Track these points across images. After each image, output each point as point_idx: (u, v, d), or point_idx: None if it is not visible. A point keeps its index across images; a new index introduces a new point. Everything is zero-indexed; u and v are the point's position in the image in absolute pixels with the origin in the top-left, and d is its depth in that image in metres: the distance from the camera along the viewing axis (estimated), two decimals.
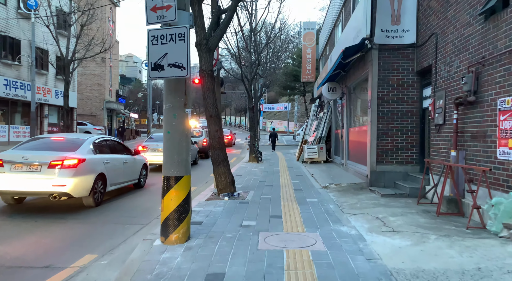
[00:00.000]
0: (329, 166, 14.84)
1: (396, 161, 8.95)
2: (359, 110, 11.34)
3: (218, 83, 9.75)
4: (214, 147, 8.18)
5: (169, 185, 4.89)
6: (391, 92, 8.97)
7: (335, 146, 15.96)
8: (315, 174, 12.10)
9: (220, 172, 8.20)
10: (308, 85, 38.08)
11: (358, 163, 10.86)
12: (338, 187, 9.35)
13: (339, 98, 14.04)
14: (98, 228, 6.28)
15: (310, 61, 23.84)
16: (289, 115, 54.36)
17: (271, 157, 21.02)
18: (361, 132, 10.59)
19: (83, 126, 30.08)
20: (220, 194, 8.16)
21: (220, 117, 8.22)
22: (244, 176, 12.30)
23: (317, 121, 18.34)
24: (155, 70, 4.66)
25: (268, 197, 8.20)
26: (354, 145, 11.62)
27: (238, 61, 16.60)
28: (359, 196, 8.23)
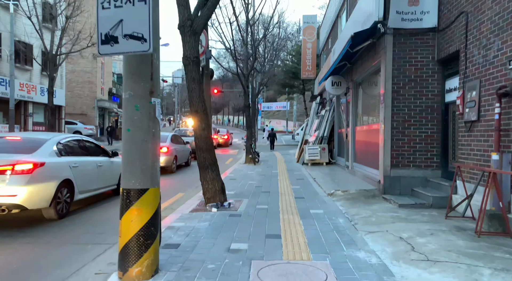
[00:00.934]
0: (333, 168, 13.58)
1: (414, 165, 7.69)
2: (367, 106, 10.09)
3: (208, 74, 8.50)
4: (201, 148, 6.92)
5: (129, 201, 3.63)
6: (408, 84, 7.71)
7: (339, 146, 14.70)
8: (318, 178, 10.83)
9: (208, 179, 6.94)
10: (307, 83, 36.83)
11: (367, 166, 9.60)
12: (345, 195, 8.09)
13: (343, 94, 12.78)
14: (52, 250, 5.01)
15: (311, 56, 22.58)
16: (288, 115, 53.12)
17: (269, 158, 19.76)
18: (371, 131, 9.33)
19: (72, 125, 28.76)
20: (207, 204, 6.89)
21: (207, 113, 6.97)
22: (238, 180, 11.03)
23: (318, 119, 17.09)
24: (107, 44, 3.39)
25: (264, 207, 6.93)
26: (362, 146, 10.37)
27: (233, 55, 15.33)
28: (372, 206, 6.97)
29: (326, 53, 19.56)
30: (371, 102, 9.83)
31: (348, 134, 12.06)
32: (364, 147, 10.09)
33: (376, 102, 9.34)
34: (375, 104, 9.44)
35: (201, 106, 6.81)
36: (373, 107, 9.61)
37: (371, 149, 9.28)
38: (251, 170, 13.73)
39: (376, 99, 9.35)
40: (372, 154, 9.15)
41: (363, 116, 10.47)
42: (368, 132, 9.60)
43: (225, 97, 78.83)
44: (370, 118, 9.62)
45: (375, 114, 9.17)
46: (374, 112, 9.33)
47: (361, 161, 10.41)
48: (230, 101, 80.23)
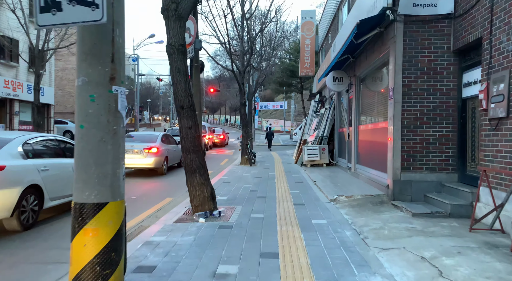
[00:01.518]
0: (333, 170, 12.76)
1: (427, 168, 6.88)
2: (372, 104, 9.28)
3: (198, 67, 7.67)
4: (187, 149, 6.08)
5: (81, 219, 2.79)
6: (420, 77, 6.90)
7: (339, 147, 13.90)
8: (318, 181, 10.02)
9: (195, 184, 6.10)
10: (305, 81, 36.05)
11: (373, 169, 8.79)
12: (350, 201, 7.27)
13: (345, 91, 11.97)
14: (3, 271, 4.17)
15: (309, 53, 21.77)
16: (285, 114, 52.30)
17: (266, 158, 18.94)
18: (377, 130, 8.53)
19: (63, 124, 27.79)
20: (195, 213, 6.05)
21: (195, 110, 6.13)
22: (232, 183, 10.19)
23: (318, 118, 16.28)
24: (47, 12, 2.55)
25: (259, 216, 6.10)
26: (366, 146, 9.56)
27: (228, 50, 14.49)
28: (382, 215, 6.15)
29: (325, 49, 18.76)
30: (376, 99, 9.03)
31: (351, 133, 11.25)
32: (369, 147, 9.28)
33: (381, 99, 8.54)
34: (380, 101, 8.64)
35: (188, 101, 5.97)
36: (378, 104, 8.80)
37: (377, 150, 8.47)
38: (246, 172, 12.90)
39: (382, 95, 8.55)
40: (378, 156, 8.34)
41: (367, 114, 9.66)
42: (374, 132, 8.79)
43: (222, 96, 78.00)
44: (376, 116, 8.81)
45: (382, 111, 8.36)
46: (380, 110, 8.53)
47: (365, 163, 9.60)
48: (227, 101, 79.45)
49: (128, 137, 13.98)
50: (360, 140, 10.22)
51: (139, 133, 15.36)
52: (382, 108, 8.32)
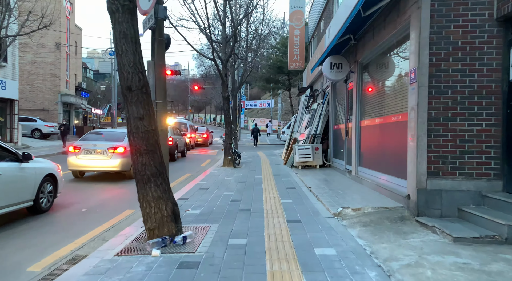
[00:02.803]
0: (329, 173, 11.10)
1: (462, 173, 5.25)
2: (381, 93, 7.62)
3: (161, 42, 5.87)
4: (137, 149, 4.27)
5: None
6: (453, 54, 5.26)
7: (335, 146, 12.25)
8: (314, 186, 8.33)
9: (150, 198, 4.31)
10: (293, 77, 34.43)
11: (382, 173, 7.13)
12: (359, 216, 5.59)
13: (343, 81, 10.31)
14: None
15: (299, 45, 20.12)
16: (272, 113, 50.66)
17: (252, 159, 17.19)
18: (389, 125, 6.87)
19: (30, 122, 25.57)
20: (148, 240, 4.26)
21: (148, 93, 4.33)
22: (211, 189, 8.42)
23: (310, 114, 14.61)
24: None
25: (241, 244, 4.35)
26: (372, 145, 7.90)
27: (207, 36, 12.69)
28: (410, 239, 4.47)
29: (316, 40, 17.12)
30: (387, 87, 7.38)
31: (350, 130, 9.60)
32: (376, 147, 7.62)
33: (395, 87, 6.90)
34: (394, 89, 7.01)
35: (138, 79, 4.18)
36: (390, 93, 7.16)
37: (389, 149, 6.81)
38: (229, 175, 11.13)
39: (395, 82, 6.91)
40: (391, 157, 6.68)
41: (373, 106, 8.00)
42: (384, 127, 7.12)
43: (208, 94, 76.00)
44: (387, 108, 7.14)
45: (396, 102, 6.71)
46: (394, 100, 6.88)
47: (371, 166, 7.94)
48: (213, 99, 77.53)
49: (97, 134, 12.07)
50: (364, 138, 8.56)
51: (109, 130, 13.42)
52: (396, 97, 6.66)
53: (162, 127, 5.95)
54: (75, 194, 8.66)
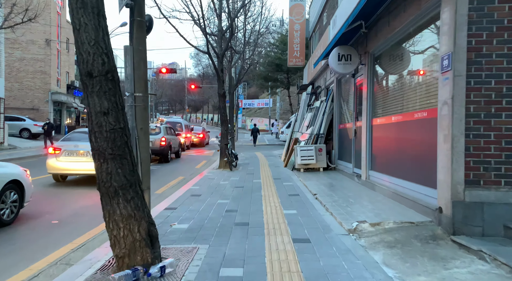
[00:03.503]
0: (335, 177, 10.12)
1: (508, 182, 4.28)
2: (399, 87, 6.63)
3: (141, 24, 4.87)
4: (101, 153, 3.26)
5: None
6: (497, 36, 4.29)
7: (340, 147, 11.27)
8: (320, 193, 7.35)
9: (117, 217, 3.31)
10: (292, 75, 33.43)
11: (402, 179, 6.15)
12: (380, 232, 4.61)
13: (350, 75, 9.34)
14: None
15: (299, 40, 19.14)
16: (270, 112, 49.66)
17: (250, 160, 16.20)
18: (412, 123, 5.89)
19: (19, 121, 24.50)
20: (114, 274, 3.26)
21: (116, 80, 3.32)
22: (204, 197, 7.43)
23: (312, 113, 13.63)
24: None
25: (236, 276, 3.36)
26: (389, 146, 6.92)
27: (201, 27, 11.69)
28: (453, 269, 3.48)
29: (318, 34, 16.15)
30: (403, 81, 6.41)
31: (359, 130, 8.63)
32: (393, 148, 6.64)
33: (417, 79, 5.93)
34: (410, 84, 6.04)
35: (100, 62, 3.18)
36: (408, 88, 6.19)
37: (411, 152, 5.83)
38: (225, 179, 10.14)
39: (412, 77, 5.94)
40: (414, 161, 5.71)
41: (389, 102, 7.02)
42: (404, 126, 6.14)
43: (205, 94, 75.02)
44: (407, 103, 6.16)
45: (419, 96, 5.74)
46: (412, 95, 5.91)
47: (386, 170, 6.96)
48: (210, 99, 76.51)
49: (83, 134, 11.04)
50: (376, 139, 7.58)
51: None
52: (420, 91, 5.69)
53: (143, 125, 4.96)
54: (50, 201, 7.66)
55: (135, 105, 4.89)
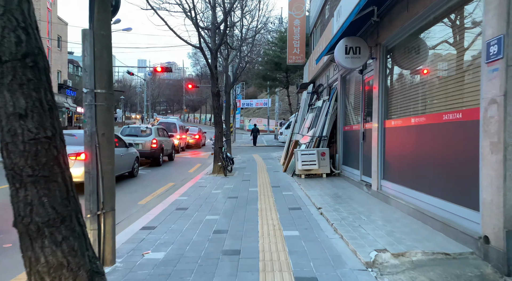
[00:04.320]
0: (339, 184, 9.09)
1: None
2: (419, 84, 5.60)
3: (105, 2, 3.85)
4: (17, 176, 2.23)
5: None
6: None
7: (345, 151, 10.25)
8: (325, 207, 6.32)
9: (42, 266, 2.27)
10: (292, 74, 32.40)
11: (426, 194, 5.12)
12: (407, 267, 3.59)
13: (358, 71, 8.31)
14: None
15: (299, 37, 18.11)
16: (269, 112, 48.64)
17: (248, 163, 15.16)
18: (436, 127, 4.86)
19: None
20: None
21: (43, 70, 2.29)
22: (190, 211, 6.39)
23: (313, 113, 12.60)
24: None
25: None
26: (406, 152, 5.88)
27: (193, 20, 10.65)
28: None
29: (320, 28, 15.11)
30: (427, 76, 5.38)
31: (369, 132, 7.61)
32: (413, 155, 5.60)
33: (441, 75, 4.90)
34: (437, 80, 5.02)
35: (14, 40, 2.14)
36: (433, 84, 5.16)
37: (439, 161, 4.80)
38: (217, 187, 9.11)
39: (439, 70, 4.92)
40: (444, 172, 4.67)
41: (405, 102, 5.99)
42: (427, 129, 5.11)
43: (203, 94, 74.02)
44: (430, 103, 5.13)
45: (446, 95, 4.71)
46: (440, 93, 4.88)
47: (403, 181, 5.93)
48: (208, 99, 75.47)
49: (69, 136, 10.00)
50: (391, 143, 6.55)
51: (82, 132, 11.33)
52: (451, 87, 4.66)
53: (105, 130, 3.93)
54: None
55: (95, 105, 3.86)
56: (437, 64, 5.09)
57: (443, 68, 4.92)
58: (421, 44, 5.57)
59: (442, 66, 4.95)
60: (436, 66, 5.11)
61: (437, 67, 5.07)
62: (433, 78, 5.14)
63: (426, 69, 5.38)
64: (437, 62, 5.09)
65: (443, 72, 4.88)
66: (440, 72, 4.97)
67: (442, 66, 4.94)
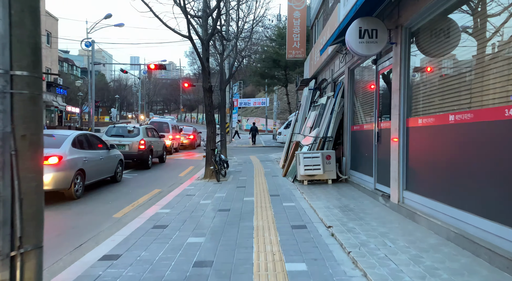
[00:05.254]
0: (349, 193, 7.88)
1: None
2: (459, 73, 4.38)
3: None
4: None
5: None
6: None
7: (354, 154, 9.02)
8: (337, 225, 5.10)
9: None
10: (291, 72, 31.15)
11: (476, 215, 3.89)
12: None
13: (372, 61, 7.09)
14: None
15: (299, 30, 16.88)
16: (267, 112, 47.38)
17: (243, 166, 13.92)
18: (489, 127, 3.64)
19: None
20: None
21: None
22: (168, 231, 5.14)
23: (316, 111, 11.37)
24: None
25: None
26: (440, 158, 4.65)
27: (180, 5, 9.41)
28: None
29: (323, 18, 13.89)
30: (472, 62, 4.16)
31: (387, 133, 6.39)
32: (452, 162, 4.37)
33: (475, 66, 3.68)
34: (475, 70, 3.79)
35: None
36: (474, 74, 3.93)
37: (502, 173, 3.57)
38: (207, 197, 7.88)
39: (476, 59, 3.70)
40: (507, 188, 3.45)
41: (437, 95, 4.77)
42: (477, 129, 3.89)
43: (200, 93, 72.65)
44: (478, 96, 3.91)
45: (494, 87, 3.48)
46: (491, 85, 3.66)
47: (436, 195, 4.70)
48: None
49: (48, 136, 8.75)
50: (416, 145, 5.33)
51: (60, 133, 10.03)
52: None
53: (28, 130, 2.68)
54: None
55: (11, 93, 2.61)
56: (491, 43, 3.86)
57: (497, 50, 3.70)
58: (434, 33, 4.34)
59: (495, 47, 3.73)
60: (488, 46, 3.88)
61: (492, 47, 3.84)
62: (487, 63, 3.91)
63: (474, 52, 4.15)
64: (484, 42, 3.87)
65: (503, 53, 3.65)
66: (498, 54, 3.74)
67: (496, 47, 3.72)
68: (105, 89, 76.44)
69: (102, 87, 75.68)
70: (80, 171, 8.38)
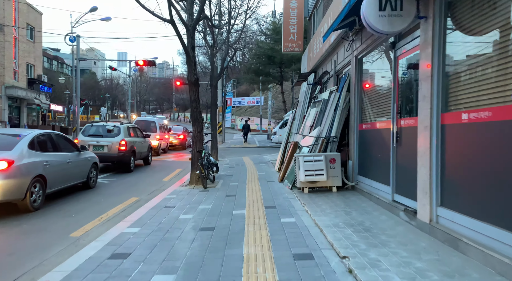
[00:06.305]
0: (359, 205, 6.58)
1: None
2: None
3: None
4: None
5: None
6: None
7: (362, 157, 7.73)
8: (355, 255, 3.80)
9: None
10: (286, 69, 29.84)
11: None
12: None
13: (390, 44, 5.82)
14: None
15: (296, 21, 15.58)
16: (261, 111, 46.10)
17: (235, 169, 12.59)
18: None
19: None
20: None
21: None
22: (129, 263, 3.80)
23: (317, 108, 10.07)
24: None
25: None
26: (500, 167, 3.38)
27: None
28: None
29: (322, 7, 12.60)
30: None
31: (411, 132, 5.11)
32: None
33: None
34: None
35: None
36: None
37: None
38: (189, 210, 6.54)
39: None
40: None
41: (495, 82, 3.50)
42: None
43: None
44: None
45: None
46: None
47: (493, 218, 3.42)
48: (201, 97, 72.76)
49: (13, 136, 7.36)
50: (461, 149, 4.05)
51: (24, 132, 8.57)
52: None
53: None
54: None
55: None
56: None
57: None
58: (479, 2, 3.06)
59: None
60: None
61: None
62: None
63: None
64: None
65: None
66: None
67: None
68: (95, 87, 74.58)
69: (93, 86, 73.82)
70: (39, 178, 7.01)
